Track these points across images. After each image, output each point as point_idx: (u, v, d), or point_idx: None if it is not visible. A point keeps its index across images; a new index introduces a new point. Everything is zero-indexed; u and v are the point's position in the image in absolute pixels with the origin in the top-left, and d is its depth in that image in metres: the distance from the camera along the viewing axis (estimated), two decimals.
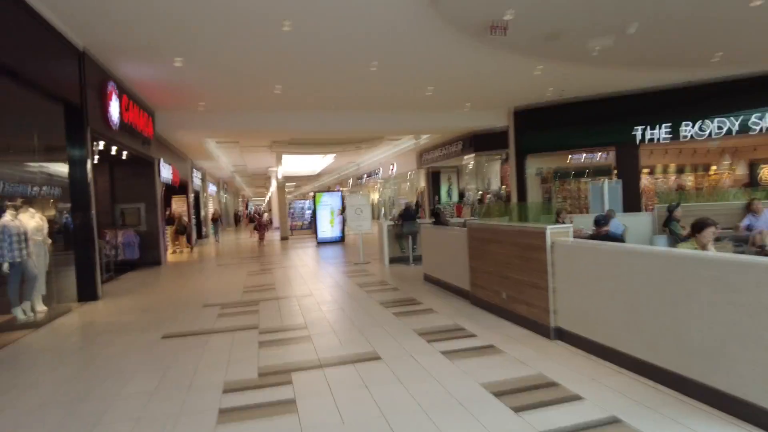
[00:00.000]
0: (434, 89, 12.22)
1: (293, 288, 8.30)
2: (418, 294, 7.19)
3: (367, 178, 32.55)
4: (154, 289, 9.03)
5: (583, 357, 4.20)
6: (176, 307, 7.18)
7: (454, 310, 6.05)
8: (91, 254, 8.05)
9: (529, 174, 15.89)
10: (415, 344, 4.73)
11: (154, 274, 11.14)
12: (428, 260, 8.11)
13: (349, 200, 11.12)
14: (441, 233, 7.53)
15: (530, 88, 12.87)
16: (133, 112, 10.74)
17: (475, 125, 15.74)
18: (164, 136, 14.26)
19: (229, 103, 12.56)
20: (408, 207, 10.95)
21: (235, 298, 7.57)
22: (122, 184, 13.12)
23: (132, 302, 7.75)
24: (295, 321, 5.90)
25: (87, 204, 8.09)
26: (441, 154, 19.03)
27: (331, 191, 23.56)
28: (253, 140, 18.01)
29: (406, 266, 10.19)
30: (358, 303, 6.77)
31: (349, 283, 8.46)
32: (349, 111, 14.16)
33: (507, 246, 5.39)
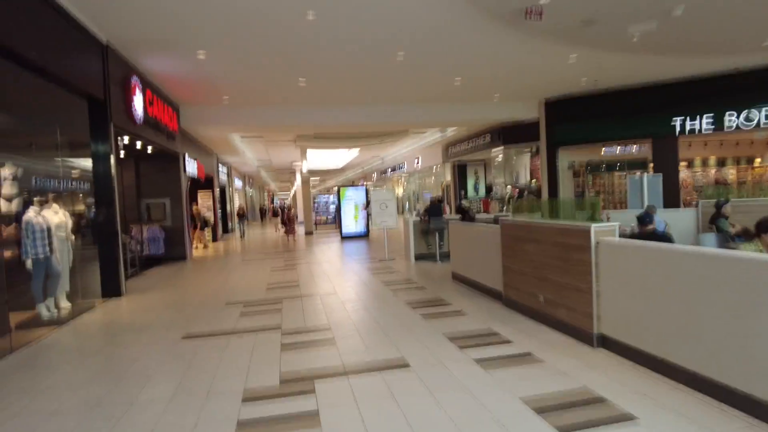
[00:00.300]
0: (462, 80, 11.80)
1: (317, 285, 8.08)
2: (447, 294, 6.86)
3: (391, 172, 32.23)
4: (177, 285, 8.96)
5: (630, 368, 3.82)
6: (198, 304, 7.05)
7: (486, 313, 5.70)
8: (115, 250, 8.01)
9: (560, 167, 15.32)
10: (446, 350, 4.42)
11: (179, 270, 11.12)
12: (457, 258, 7.77)
13: (374, 195, 10.84)
14: (471, 230, 7.17)
15: (563, 78, 12.30)
16: (157, 107, 10.68)
17: (503, 117, 15.22)
18: (189, 130, 14.25)
19: (254, 97, 12.41)
20: (434, 202, 10.59)
21: (258, 296, 7.39)
22: (148, 180, 13.17)
23: (155, 299, 7.66)
24: (319, 321, 5.67)
25: (111, 199, 8.03)
26: (468, 147, 18.56)
27: (355, 186, 23.28)
28: (277, 135, 17.93)
29: (433, 263, 9.86)
30: (384, 303, 6.50)
31: (373, 281, 8.19)
32: (374, 104, 13.86)
33: (545, 245, 5.01)
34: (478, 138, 17.60)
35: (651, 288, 3.78)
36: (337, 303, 6.65)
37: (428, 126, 17.29)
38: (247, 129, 14.98)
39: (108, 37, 7.82)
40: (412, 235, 10.17)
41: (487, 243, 6.45)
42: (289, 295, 7.30)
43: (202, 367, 4.30)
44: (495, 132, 16.41)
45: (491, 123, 16.11)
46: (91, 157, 7.89)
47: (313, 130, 16.10)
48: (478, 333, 4.92)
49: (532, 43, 8.99)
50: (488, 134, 16.84)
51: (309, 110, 13.69)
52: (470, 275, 7.19)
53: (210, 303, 7.09)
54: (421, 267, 9.56)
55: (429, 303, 6.35)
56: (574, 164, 16.04)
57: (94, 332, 5.76)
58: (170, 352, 4.77)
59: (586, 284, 4.44)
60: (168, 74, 10.11)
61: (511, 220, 5.84)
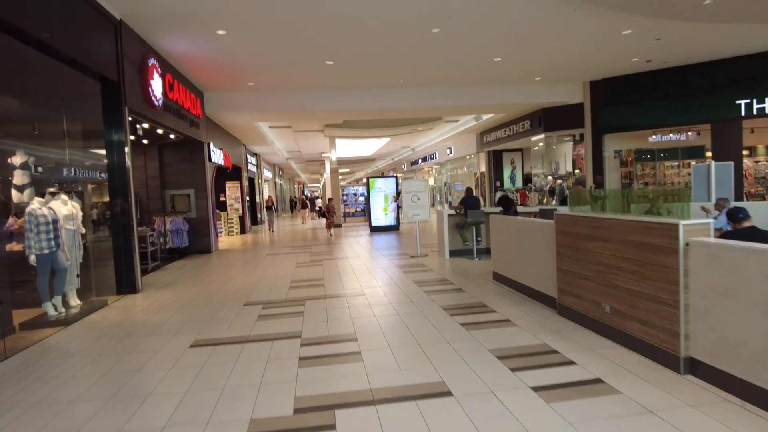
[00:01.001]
0: (502, 59, 10.85)
1: (343, 284, 7.40)
2: (488, 297, 6.06)
3: (421, 163, 31.32)
4: (197, 280, 8.47)
5: (735, 406, 2.96)
6: (215, 304, 6.48)
7: (538, 323, 4.88)
8: (131, 244, 7.54)
9: (606, 156, 14.14)
10: (495, 373, 3.65)
11: (202, 264, 10.67)
12: (498, 256, 6.93)
13: (405, 186, 10.06)
14: (516, 225, 6.32)
15: (611, 56, 11.17)
16: (179, 92, 10.19)
17: (545, 101, 14.13)
18: (214, 118, 13.80)
19: (279, 81, 11.79)
20: (470, 193, 9.73)
21: (280, 296, 6.77)
22: (172, 169, 12.79)
23: (171, 297, 7.16)
24: (344, 329, 4.97)
25: (125, 189, 7.54)
26: (504, 134, 17.50)
27: (384, 176, 22.51)
28: (305, 123, 17.34)
29: (470, 260, 9.03)
30: (417, 307, 5.75)
31: (405, 281, 7.45)
32: (406, 88, 13.04)
33: (615, 244, 4.14)
34: (516, 124, 16.52)
35: (764, 302, 2.90)
36: (364, 306, 5.94)
37: (463, 112, 16.30)
38: (274, 116, 14.39)
39: (121, 14, 7.29)
40: (447, 229, 9.36)
41: (538, 240, 5.60)
42: (313, 296, 6.65)
43: (207, 385, 3.67)
44: (535, 117, 15.32)
45: (531, 107, 15.04)
46: (105, 143, 7.39)
47: (342, 116, 15.40)
48: (532, 350, 4.11)
49: (583, 16, 7.99)
50: (527, 120, 15.75)
51: (337, 94, 12.99)
52: (515, 276, 6.35)
53: (228, 302, 6.52)
54: (456, 264, 8.76)
55: (469, 309, 5.56)
56: (621, 152, 14.82)
57: (100, 335, 5.25)
58: (175, 364, 4.17)
59: (670, 295, 3.57)
60: (189, 56, 9.56)
61: (569, 213, 4.97)
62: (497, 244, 6.93)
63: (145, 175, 12.45)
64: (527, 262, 5.93)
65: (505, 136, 17.55)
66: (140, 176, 12.42)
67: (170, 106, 9.74)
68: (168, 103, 9.60)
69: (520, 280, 6.18)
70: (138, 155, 12.37)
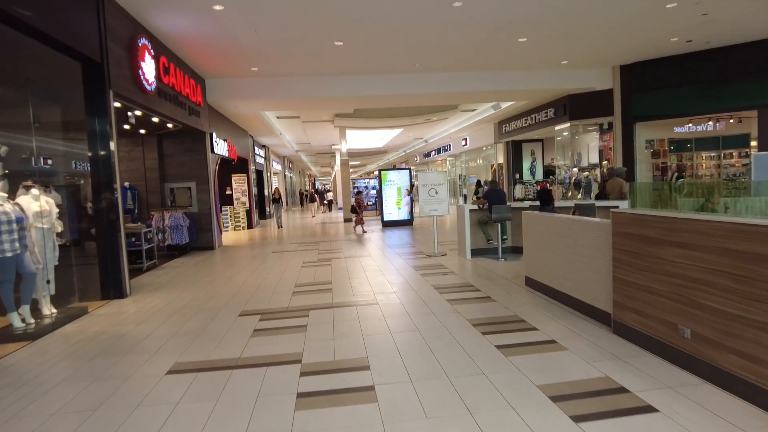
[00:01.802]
0: (528, 40, 9.85)
1: (353, 290, 6.55)
2: (524, 309, 5.16)
3: (435, 155, 30.30)
4: (193, 282, 7.68)
5: None
6: (208, 312, 5.68)
7: (591, 345, 3.98)
8: (117, 243, 6.76)
9: (637, 146, 13.07)
10: (551, 422, 2.76)
11: (202, 262, 9.90)
12: (533, 258, 6.01)
13: (421, 178, 9.16)
14: (558, 224, 5.39)
15: (649, 35, 10.12)
16: (175, 77, 9.39)
17: (570, 87, 13.10)
18: (217, 107, 13.00)
19: (285, 66, 10.92)
20: (495, 186, 8.79)
21: (281, 303, 5.94)
22: (172, 161, 12.03)
23: (161, 302, 6.37)
24: (354, 351, 4.11)
25: (110, 182, 6.74)
26: (526, 124, 16.45)
27: (397, 168, 21.59)
28: (314, 113, 16.48)
29: (494, 261, 8.12)
30: (440, 320, 4.87)
31: (423, 285, 6.57)
32: (421, 73, 12.09)
33: (703, 253, 3.21)
34: (538, 112, 15.47)
35: None
36: (377, 319, 5.08)
37: (483, 99, 15.28)
38: (280, 104, 13.53)
39: None
40: (468, 226, 8.44)
41: (587, 242, 4.67)
42: (319, 304, 5.80)
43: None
44: (559, 105, 14.27)
45: (555, 94, 14.00)
46: (87, 131, 6.59)
47: (352, 104, 14.49)
48: (593, 386, 3.21)
49: None
50: (551, 108, 14.70)
51: (347, 80, 12.10)
52: (555, 284, 5.43)
53: (222, 310, 5.71)
54: (480, 266, 7.85)
55: (503, 324, 4.67)
56: (653, 142, 13.73)
57: (68, 353, 4.47)
58: (144, 399, 3.35)
59: None
60: (185, 37, 8.73)
61: (632, 212, 4.04)
62: (531, 245, 6.01)
63: (143, 167, 11.71)
64: (572, 267, 5.01)
65: (526, 125, 16.51)
66: (138, 168, 11.70)
67: (165, 91, 8.93)
68: (163, 89, 8.80)
69: (561, 289, 5.27)
70: (136, 146, 11.63)
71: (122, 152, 11.56)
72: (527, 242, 6.11)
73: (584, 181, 14.42)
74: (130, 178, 11.58)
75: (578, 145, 16.57)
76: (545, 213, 5.76)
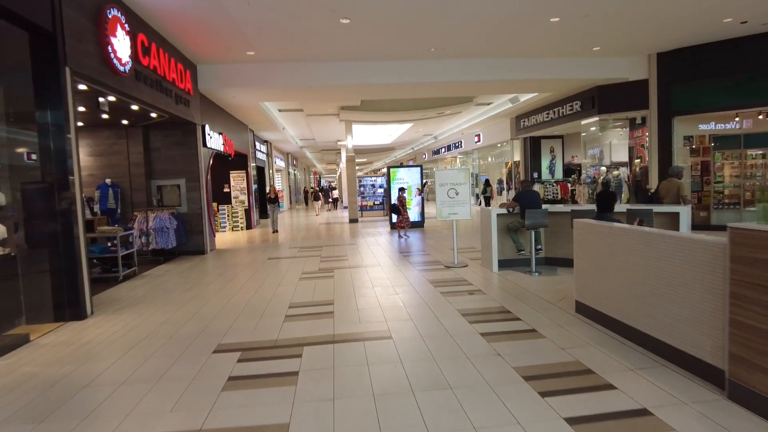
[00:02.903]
0: (561, 20, 8.60)
1: (360, 313, 5.33)
2: (584, 351, 3.91)
3: (445, 152, 29.00)
4: (171, 298, 6.50)
5: None
6: (178, 345, 4.48)
7: (704, 421, 2.73)
8: (74, 253, 5.57)
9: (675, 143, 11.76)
10: None
11: (188, 271, 8.72)
12: (588, 280, 4.75)
13: (438, 176, 7.91)
14: (630, 238, 4.13)
15: (698, 16, 8.85)
16: (158, 58, 8.21)
17: (600, 77, 11.82)
18: (211, 96, 11.81)
19: (284, 49, 9.71)
20: (528, 186, 7.51)
21: (269, 332, 4.73)
22: (159, 156, 10.85)
23: (125, 327, 5.19)
24: (364, 426, 2.89)
25: (65, 182, 5.55)
26: (548, 118, 15.13)
27: (406, 166, 20.32)
28: (318, 105, 15.26)
29: (527, 276, 6.88)
30: (478, 370, 3.63)
31: (446, 310, 5.34)
32: (437, 59, 10.84)
33: None
34: (562, 106, 14.16)
35: None
36: (393, 364, 3.85)
37: (503, 90, 13.94)
38: (280, 93, 12.31)
39: None
40: (495, 233, 7.19)
41: (681, 267, 3.41)
42: (316, 336, 4.58)
43: None
44: (587, 97, 12.96)
45: (583, 85, 12.70)
46: (36, 119, 5.40)
47: (359, 95, 13.22)
48: None
49: None
50: (577, 101, 13.40)
51: (354, 66, 10.87)
52: (622, 316, 4.17)
53: (194, 343, 4.51)
54: (510, 282, 6.60)
55: (565, 377, 3.43)
56: (692, 139, 12.38)
57: None
58: None
59: None
60: (170, 12, 7.55)
61: (763, 229, 2.79)
62: (586, 263, 4.76)
63: (127, 162, 10.54)
64: (654, 299, 3.75)
65: (547, 119, 15.19)
66: (122, 163, 10.53)
67: (145, 75, 7.75)
68: (142, 71, 7.62)
69: (633, 324, 4.01)
70: (119, 139, 10.47)
71: (104, 145, 10.42)
72: (580, 258, 4.86)
73: (614, 181, 13.12)
74: (113, 174, 10.43)
75: (600, 141, 15.26)
76: (607, 222, 4.50)
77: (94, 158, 10.42)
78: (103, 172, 10.40)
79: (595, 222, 4.60)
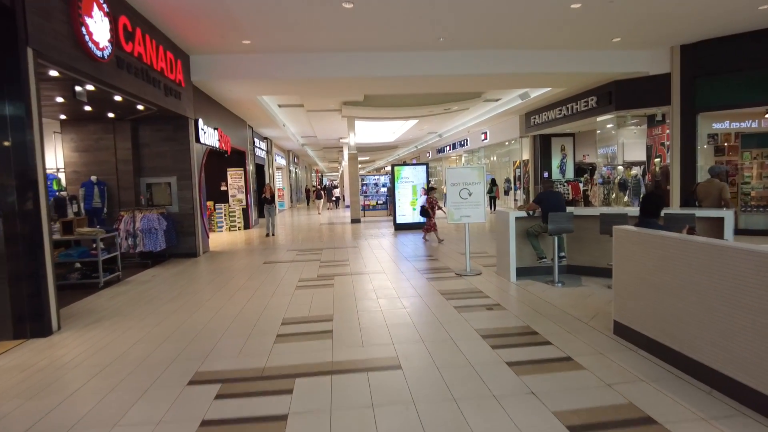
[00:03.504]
0: (582, 6, 7.88)
1: (364, 333, 4.63)
2: (638, 389, 3.20)
3: (449, 150, 28.26)
4: (152, 309, 5.82)
5: None
6: (148, 372, 3.80)
7: None
8: (37, 260, 4.89)
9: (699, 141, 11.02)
10: None
11: (175, 276, 8.05)
12: (633, 297, 4.04)
13: (450, 175, 7.20)
14: (689, 249, 3.42)
15: (726, 4, 8.12)
16: (144, 45, 7.54)
17: (619, 70, 11.09)
18: (206, 89, 11.13)
19: (282, 39, 9.02)
20: (550, 187, 6.79)
21: (256, 358, 4.04)
22: (149, 152, 10.16)
23: (94, 346, 4.50)
24: None
25: (29, 180, 4.86)
26: (560, 114, 14.39)
27: (411, 164, 19.60)
28: (319, 100, 14.57)
29: (549, 287, 6.17)
30: (509, 412, 2.93)
31: (463, 330, 4.63)
32: (446, 50, 10.12)
33: None
34: (576, 102, 13.42)
35: None
36: (404, 407, 3.16)
37: (516, 84, 13.14)
38: (279, 87, 11.60)
39: None
40: (513, 238, 6.48)
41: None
42: (311, 363, 3.88)
43: None
44: (604, 93, 12.22)
45: (600, 80, 11.96)
46: None
47: (363, 88, 12.49)
48: None
49: None
50: (593, 96, 12.66)
51: (357, 57, 10.16)
52: (682, 346, 3.45)
53: (168, 370, 3.82)
54: (531, 294, 5.89)
55: (619, 428, 2.73)
56: (717, 137, 11.64)
57: None
58: None
59: None
60: None
61: None
62: (628, 276, 4.05)
63: (114, 159, 9.86)
64: (729, 329, 3.04)
65: (560, 116, 14.45)
66: (109, 160, 9.85)
67: (128, 62, 7.06)
68: (124, 58, 6.93)
69: (700, 359, 3.29)
70: (106, 133, 9.78)
71: (89, 140, 9.74)
72: (621, 272, 4.14)
73: (632, 181, 12.39)
74: (99, 171, 9.74)
75: (613, 140, 14.51)
76: (655, 231, 3.79)
77: (78, 154, 9.73)
78: (89, 168, 9.71)
79: (642, 230, 3.88)
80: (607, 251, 6.47)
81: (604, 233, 5.83)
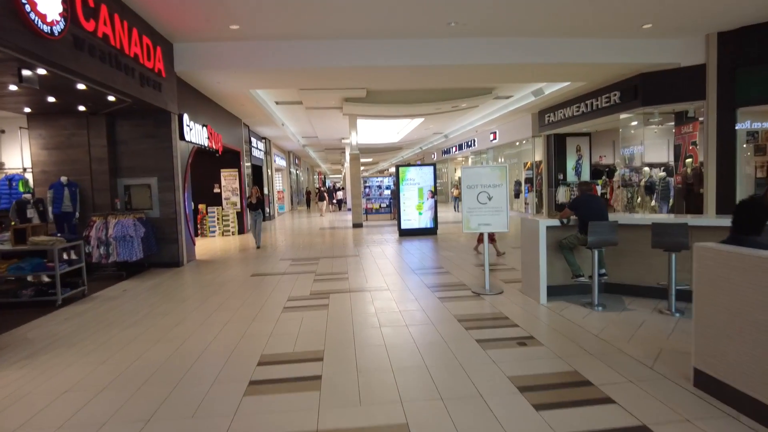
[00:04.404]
0: None
1: (362, 382, 3.57)
2: None
3: (456, 151, 27.21)
4: (105, 337, 4.79)
5: None
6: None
7: None
8: None
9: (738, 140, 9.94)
10: None
11: (148, 291, 7.01)
12: (727, 341, 2.96)
13: (465, 175, 6.13)
14: None
15: None
16: (113, 27, 6.53)
17: (647, 61, 10.04)
18: (192, 81, 10.13)
19: (275, 23, 8.00)
20: (587, 189, 5.72)
21: (215, 426, 3.00)
22: (127, 150, 9.15)
23: (9, 396, 3.47)
24: None
25: None
26: (578, 111, 13.30)
27: (417, 164, 18.53)
28: (318, 96, 13.50)
29: (588, 311, 5.10)
30: None
31: (492, 378, 3.56)
32: (456, 37, 9.06)
33: None
34: (597, 97, 12.33)
35: None
36: None
37: (531, 77, 11.99)
38: (272, 78, 10.57)
39: None
40: (544, 252, 5.41)
41: None
42: (297, 423, 2.83)
43: None
44: (628, 87, 11.13)
45: (625, 72, 10.87)
46: None
47: (365, 80, 11.39)
48: None
49: None
50: (616, 91, 11.57)
51: (358, 45, 9.12)
52: None
53: (119, 423, 2.79)
54: (570, 322, 4.82)
55: None
56: (757, 135, 10.54)
57: None
58: None
59: None
60: None
61: None
62: (718, 312, 2.98)
63: (88, 157, 8.85)
64: None
65: (578, 113, 13.36)
66: (82, 158, 8.85)
67: (91, 43, 6.05)
68: (85, 38, 5.92)
69: None
70: (78, 129, 8.78)
71: (60, 137, 8.75)
72: (708, 303, 3.08)
73: (660, 184, 11.29)
74: (71, 171, 8.73)
75: (632, 139, 13.41)
76: (756, 251, 2.73)
77: (48, 152, 8.73)
78: (59, 168, 8.71)
79: (745, 251, 2.81)
80: (654, 267, 5.41)
81: (657, 247, 4.77)
